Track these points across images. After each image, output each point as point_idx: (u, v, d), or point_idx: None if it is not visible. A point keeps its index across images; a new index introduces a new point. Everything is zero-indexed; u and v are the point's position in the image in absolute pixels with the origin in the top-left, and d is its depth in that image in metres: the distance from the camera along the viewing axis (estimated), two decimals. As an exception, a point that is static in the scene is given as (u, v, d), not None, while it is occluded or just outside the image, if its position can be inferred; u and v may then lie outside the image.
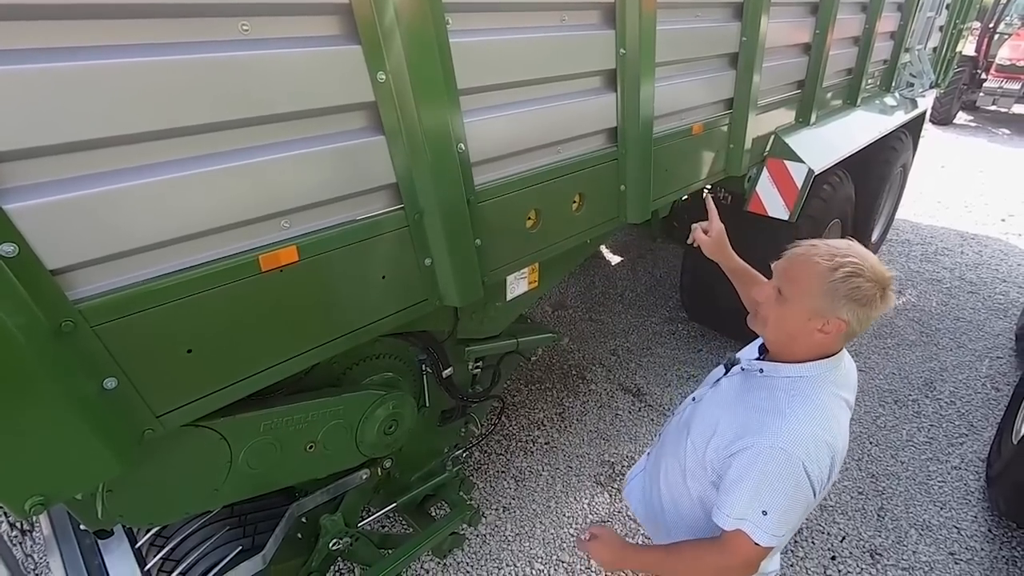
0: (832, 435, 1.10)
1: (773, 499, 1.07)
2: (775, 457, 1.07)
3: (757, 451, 1.09)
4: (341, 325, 1.32)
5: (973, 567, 2.44)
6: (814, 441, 1.07)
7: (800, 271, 1.09)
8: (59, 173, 0.88)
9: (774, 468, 1.07)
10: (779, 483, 1.07)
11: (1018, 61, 9.58)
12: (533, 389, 3.58)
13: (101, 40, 0.87)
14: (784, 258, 1.15)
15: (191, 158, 0.99)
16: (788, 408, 1.11)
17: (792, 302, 1.10)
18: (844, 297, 1.03)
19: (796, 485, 1.07)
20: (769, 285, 1.17)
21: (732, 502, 1.12)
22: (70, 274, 0.92)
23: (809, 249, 1.10)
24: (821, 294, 1.05)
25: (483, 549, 2.54)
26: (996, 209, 6.53)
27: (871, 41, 3.37)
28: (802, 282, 1.08)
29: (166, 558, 1.65)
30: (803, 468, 1.06)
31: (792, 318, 1.11)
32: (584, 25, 1.64)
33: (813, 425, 1.09)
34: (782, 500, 1.07)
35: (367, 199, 1.29)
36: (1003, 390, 3.50)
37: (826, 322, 1.07)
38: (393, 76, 1.18)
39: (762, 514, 1.08)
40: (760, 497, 1.08)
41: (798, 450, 1.06)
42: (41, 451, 0.92)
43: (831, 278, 1.03)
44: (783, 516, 1.08)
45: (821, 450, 1.08)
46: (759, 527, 1.08)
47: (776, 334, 1.17)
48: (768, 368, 1.20)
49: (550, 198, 1.71)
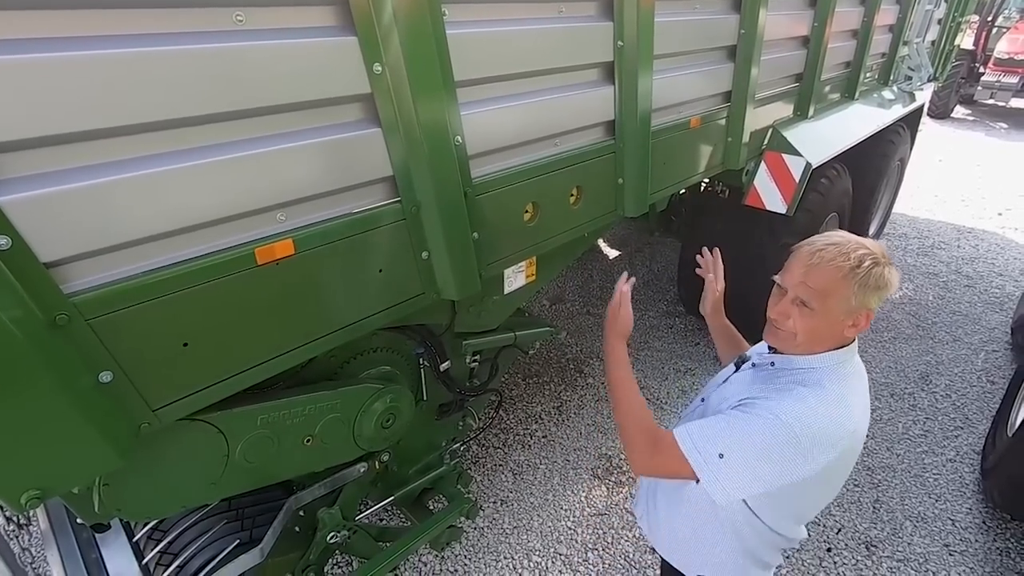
0: (837, 420, 1.06)
1: (741, 448, 1.05)
2: (765, 418, 1.05)
3: (751, 408, 1.08)
4: (338, 319, 1.31)
5: (968, 559, 2.46)
6: (815, 419, 1.04)
7: (826, 280, 1.05)
8: (52, 165, 0.87)
9: (758, 425, 1.05)
10: (757, 438, 1.04)
11: (1016, 55, 9.58)
12: (531, 383, 3.59)
13: (93, 30, 0.86)
14: (796, 271, 1.11)
15: (185, 150, 0.99)
16: (797, 391, 1.09)
17: (823, 311, 1.07)
18: (872, 288, 1.04)
19: (783, 451, 1.03)
20: (785, 302, 1.12)
21: (702, 427, 1.11)
22: (64, 267, 0.91)
23: (820, 254, 1.07)
24: (854, 294, 1.04)
25: (481, 542, 2.55)
26: (993, 203, 6.55)
27: (869, 34, 3.36)
28: (833, 290, 1.05)
29: (164, 551, 1.65)
30: (793, 435, 1.03)
31: (827, 325, 1.09)
32: (582, 17, 1.63)
33: (818, 407, 1.06)
34: (750, 456, 1.04)
35: (364, 192, 1.28)
36: (998, 383, 3.52)
37: (858, 317, 1.07)
38: (389, 68, 1.17)
39: (718, 457, 1.06)
40: (729, 439, 1.06)
41: (793, 421, 1.03)
42: (37, 445, 0.92)
43: (858, 275, 1.03)
44: (740, 470, 1.05)
45: (821, 429, 1.04)
46: (707, 464, 1.06)
47: (809, 345, 1.13)
48: (780, 361, 1.19)
49: (548, 191, 1.71)
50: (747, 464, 1.05)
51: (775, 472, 1.05)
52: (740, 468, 1.06)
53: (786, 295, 1.12)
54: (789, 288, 1.11)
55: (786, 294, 1.12)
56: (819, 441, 1.04)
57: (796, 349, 1.14)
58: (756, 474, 1.06)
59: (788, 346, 1.15)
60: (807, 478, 1.07)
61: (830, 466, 1.08)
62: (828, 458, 1.06)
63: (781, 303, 1.12)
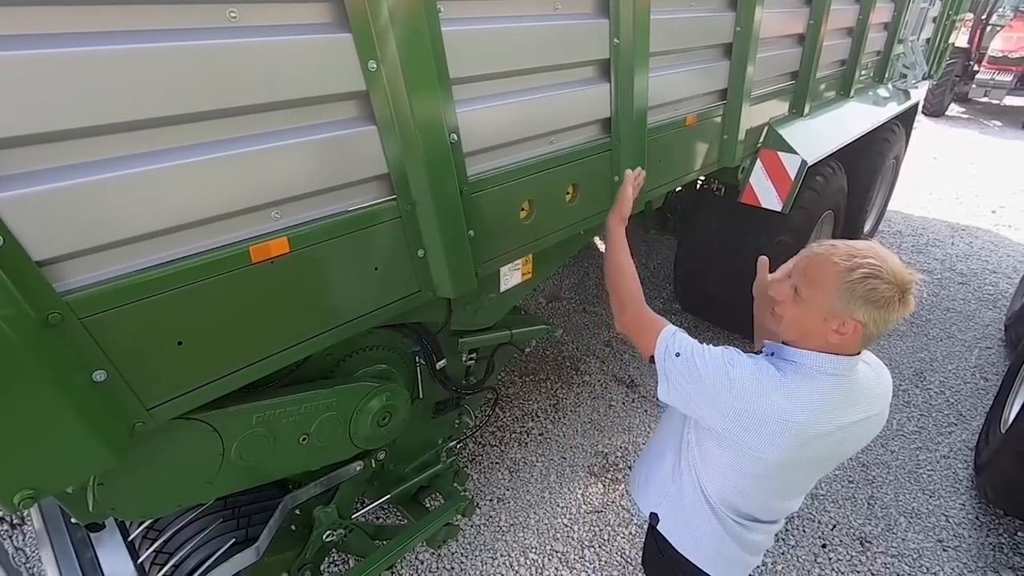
0: (779, 405, 1.09)
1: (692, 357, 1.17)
2: (721, 357, 1.15)
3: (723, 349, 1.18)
4: (334, 317, 1.31)
5: (961, 554, 2.48)
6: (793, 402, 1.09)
7: (817, 271, 1.08)
8: (44, 163, 0.86)
9: (714, 354, 1.16)
10: (704, 360, 1.16)
11: (1010, 53, 9.62)
12: (527, 380, 3.59)
13: (85, 27, 0.85)
14: (802, 257, 1.15)
15: (179, 148, 0.98)
16: (760, 362, 1.16)
17: (809, 302, 1.09)
18: (860, 298, 1.02)
19: (713, 379, 1.14)
20: (787, 284, 1.16)
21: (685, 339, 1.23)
22: (57, 265, 0.90)
23: (828, 249, 1.09)
24: (837, 294, 1.04)
25: (477, 540, 2.55)
26: (987, 200, 6.58)
27: (865, 32, 3.37)
28: (819, 282, 1.07)
29: (159, 551, 1.64)
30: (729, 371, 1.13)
31: (809, 318, 1.10)
32: (578, 14, 1.62)
33: (801, 390, 1.10)
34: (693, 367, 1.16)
35: (359, 190, 1.28)
36: (991, 380, 3.54)
37: (842, 323, 1.06)
38: (384, 65, 1.17)
39: (675, 356, 1.20)
40: (692, 350, 1.19)
41: (737, 369, 1.13)
42: (30, 444, 0.91)
43: (848, 279, 1.03)
44: (695, 357, 1.17)
45: (762, 394, 1.10)
46: (667, 347, 1.22)
47: (792, 333, 1.16)
48: (777, 350, 1.21)
49: (544, 189, 1.70)
50: (687, 374, 1.18)
51: (701, 398, 1.17)
52: (682, 374, 1.18)
53: (789, 279, 1.17)
54: (793, 272, 1.16)
55: (788, 277, 1.18)
56: (755, 398, 1.10)
57: (782, 334, 1.19)
58: (691, 387, 1.17)
59: (776, 327, 1.21)
60: (731, 432, 1.15)
61: (760, 446, 1.13)
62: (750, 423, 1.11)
63: (783, 284, 1.18)
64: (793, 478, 1.27)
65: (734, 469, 1.24)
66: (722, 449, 1.22)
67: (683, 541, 1.40)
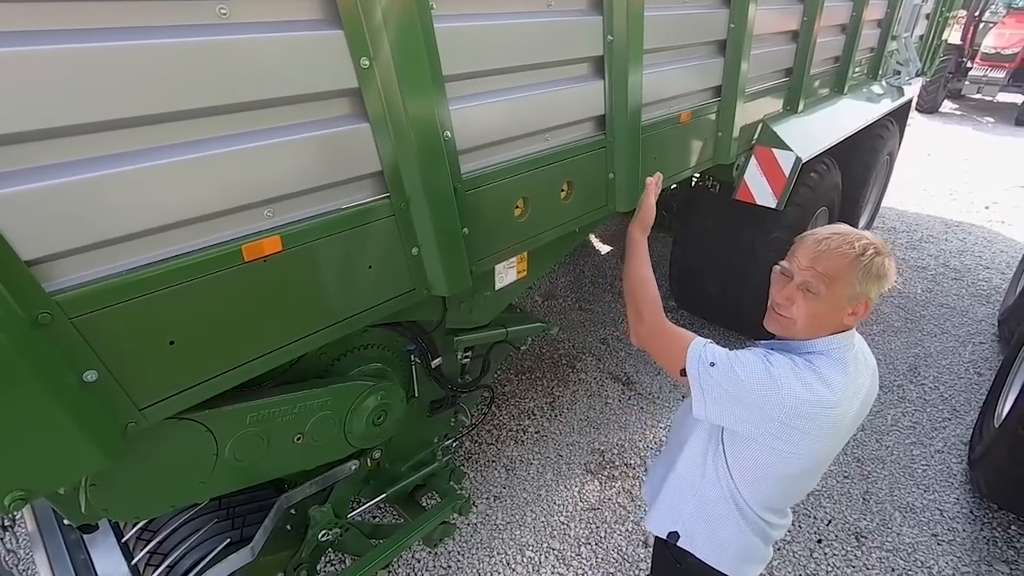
0: (817, 392, 1.10)
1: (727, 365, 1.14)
2: (758, 357, 1.13)
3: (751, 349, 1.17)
4: (328, 315, 1.30)
5: (955, 548, 2.49)
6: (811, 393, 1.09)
7: (833, 265, 1.09)
8: (32, 161, 0.85)
9: (750, 357, 1.14)
10: (744, 366, 1.13)
11: (1003, 49, 9.67)
12: (523, 379, 3.59)
13: (73, 23, 0.84)
14: (803, 258, 1.14)
15: (169, 146, 0.97)
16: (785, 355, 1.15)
17: (829, 297, 1.11)
18: (874, 277, 1.08)
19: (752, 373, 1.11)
20: (790, 287, 1.15)
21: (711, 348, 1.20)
22: (46, 265, 0.89)
23: (827, 242, 1.11)
24: (857, 281, 1.08)
25: (474, 538, 2.55)
26: (980, 197, 6.61)
27: (858, 29, 3.38)
28: (837, 274, 1.09)
29: (153, 551, 1.63)
30: (771, 373, 1.10)
31: (829, 311, 1.12)
32: (571, 11, 1.62)
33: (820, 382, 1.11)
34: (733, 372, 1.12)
35: (352, 188, 1.27)
36: (985, 375, 3.56)
37: (857, 304, 1.11)
38: (377, 62, 1.16)
39: (710, 365, 1.15)
40: (726, 358, 1.15)
41: (775, 368, 1.11)
42: (21, 445, 0.90)
43: (862, 263, 1.07)
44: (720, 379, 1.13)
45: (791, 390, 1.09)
46: (700, 361, 1.17)
47: (809, 330, 1.16)
48: (778, 345, 1.23)
49: (538, 186, 1.70)
50: (726, 384, 1.13)
51: (743, 407, 1.13)
52: (721, 385, 1.13)
53: (791, 281, 1.15)
54: (795, 273, 1.14)
55: (791, 280, 1.15)
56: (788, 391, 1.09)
57: (796, 335, 1.18)
58: (732, 397, 1.13)
59: (787, 332, 1.19)
60: (779, 435, 1.12)
61: (809, 442, 1.12)
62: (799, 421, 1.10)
63: (786, 288, 1.16)
64: (829, 461, 1.28)
65: (778, 471, 1.21)
66: (765, 454, 1.19)
67: (708, 551, 1.38)
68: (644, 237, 1.56)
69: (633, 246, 1.54)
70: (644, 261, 1.49)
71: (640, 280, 1.43)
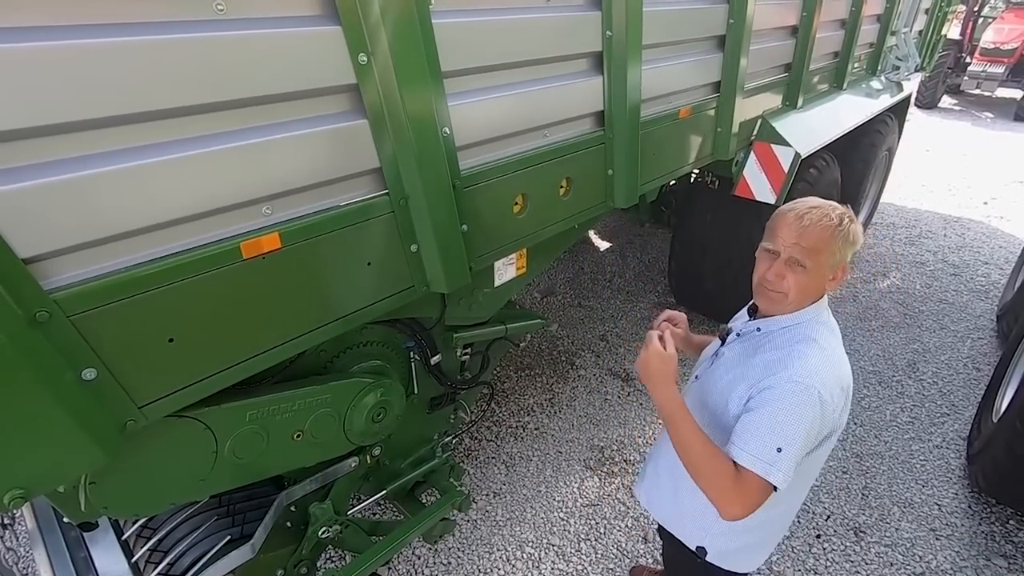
0: (837, 366, 1.19)
1: (788, 434, 1.10)
2: (791, 390, 1.12)
3: (774, 388, 1.14)
4: (327, 312, 1.30)
5: (954, 542, 2.50)
6: (828, 373, 1.16)
7: (817, 239, 1.15)
8: (29, 159, 0.85)
9: (791, 401, 1.11)
10: (795, 416, 1.10)
11: (1002, 44, 9.65)
12: (523, 375, 3.59)
13: (70, 19, 0.84)
14: (787, 235, 1.18)
15: (166, 143, 0.97)
16: (796, 348, 1.18)
17: (816, 267, 1.18)
18: (850, 243, 1.18)
19: (813, 418, 1.11)
20: (779, 264, 1.20)
21: (748, 436, 1.12)
22: (44, 262, 0.89)
23: (807, 217, 1.16)
24: (839, 249, 1.17)
25: (474, 534, 2.56)
26: (979, 192, 6.62)
27: (857, 24, 3.37)
28: (821, 246, 1.16)
29: (153, 549, 1.63)
30: (818, 395, 1.12)
31: (815, 281, 1.20)
32: (570, 6, 1.61)
33: (821, 358, 1.17)
34: (797, 434, 1.10)
35: (350, 184, 1.27)
36: (984, 370, 3.57)
37: (837, 270, 1.20)
38: (375, 58, 1.15)
39: (776, 451, 1.09)
40: (776, 432, 1.10)
41: (813, 380, 1.13)
42: (19, 443, 0.90)
43: (841, 233, 1.16)
44: (795, 448, 1.10)
45: (834, 380, 1.16)
46: (772, 466, 1.09)
47: (800, 301, 1.22)
48: (764, 324, 1.28)
49: (537, 183, 1.70)
50: (798, 443, 1.11)
51: (814, 433, 1.14)
52: (795, 450, 1.11)
53: (778, 258, 1.20)
54: (783, 250, 1.19)
55: (777, 257, 1.20)
56: (832, 389, 1.15)
57: (787, 308, 1.23)
58: (805, 444, 1.12)
59: (779, 307, 1.24)
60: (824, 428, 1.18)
61: (835, 409, 1.18)
62: (839, 403, 1.18)
63: (775, 265, 1.20)
64: None
65: (814, 466, 1.28)
66: (817, 454, 1.26)
67: (739, 560, 1.41)
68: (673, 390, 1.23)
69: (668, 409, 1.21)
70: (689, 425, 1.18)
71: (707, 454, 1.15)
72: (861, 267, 4.88)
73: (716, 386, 1.31)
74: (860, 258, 5.02)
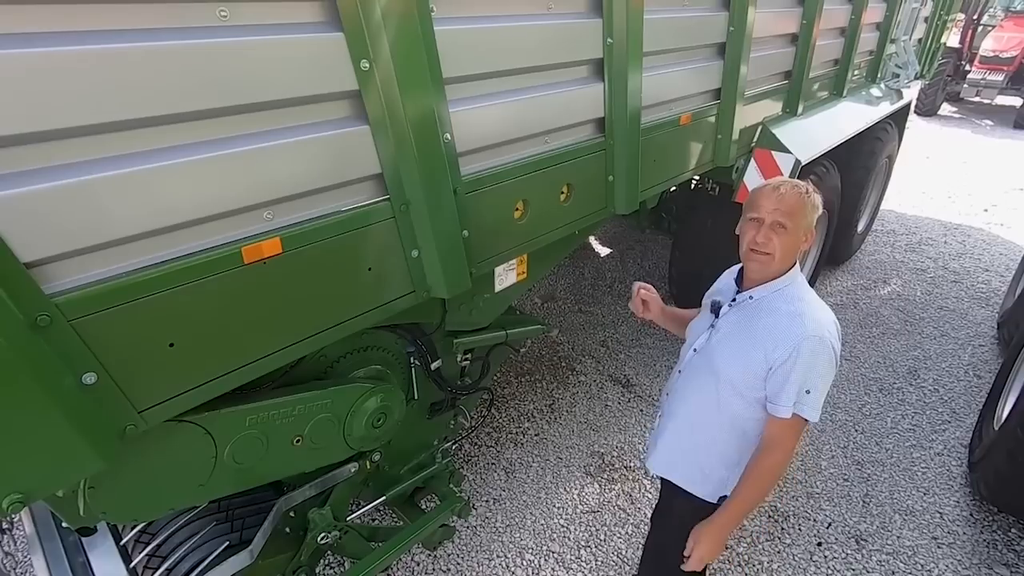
0: (827, 311, 1.41)
1: (814, 379, 1.34)
2: (813, 345, 1.33)
3: (798, 349, 1.33)
4: (327, 318, 1.30)
5: (955, 551, 2.49)
6: (829, 321, 1.38)
7: (793, 203, 1.35)
8: (31, 163, 0.85)
9: (814, 354, 1.33)
10: (819, 365, 1.34)
11: (1001, 52, 9.68)
12: (523, 381, 3.59)
13: (73, 26, 0.84)
14: (768, 204, 1.36)
15: (169, 148, 0.97)
16: (796, 308, 1.37)
17: (794, 231, 1.36)
18: (815, 209, 1.38)
19: (829, 361, 1.35)
20: (765, 229, 1.36)
21: (786, 395, 1.35)
22: (45, 267, 0.89)
23: (781, 188, 1.35)
24: (809, 213, 1.36)
25: (473, 541, 2.54)
26: (979, 199, 6.62)
27: (857, 32, 3.39)
28: (797, 210, 1.35)
29: (152, 555, 1.63)
30: (831, 346, 1.35)
31: (794, 242, 1.38)
32: (571, 13, 1.62)
33: (821, 310, 1.39)
34: (820, 378, 1.35)
35: (352, 190, 1.27)
36: (985, 377, 3.56)
37: (809, 232, 1.40)
38: (377, 64, 1.16)
39: (806, 393, 1.34)
40: (805, 381, 1.34)
41: (825, 332, 1.34)
42: (18, 447, 0.90)
43: (810, 199, 1.36)
44: (822, 388, 1.36)
45: (833, 326, 1.38)
46: (806, 404, 1.35)
47: (783, 263, 1.39)
48: (756, 292, 1.44)
49: (538, 189, 1.70)
50: (822, 382, 1.36)
51: (832, 371, 1.37)
52: (821, 389, 1.36)
53: (762, 224, 1.37)
54: (767, 216, 1.36)
55: (762, 223, 1.37)
56: (834, 332, 1.37)
57: (772, 268, 1.40)
58: (826, 382, 1.37)
59: (765, 269, 1.41)
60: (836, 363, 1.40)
61: (839, 345, 1.40)
62: (838, 339, 1.39)
63: (762, 230, 1.37)
64: None
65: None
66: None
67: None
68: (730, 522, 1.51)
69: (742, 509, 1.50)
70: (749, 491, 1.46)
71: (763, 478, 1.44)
72: (862, 274, 4.88)
73: (723, 354, 1.46)
74: (860, 265, 5.02)
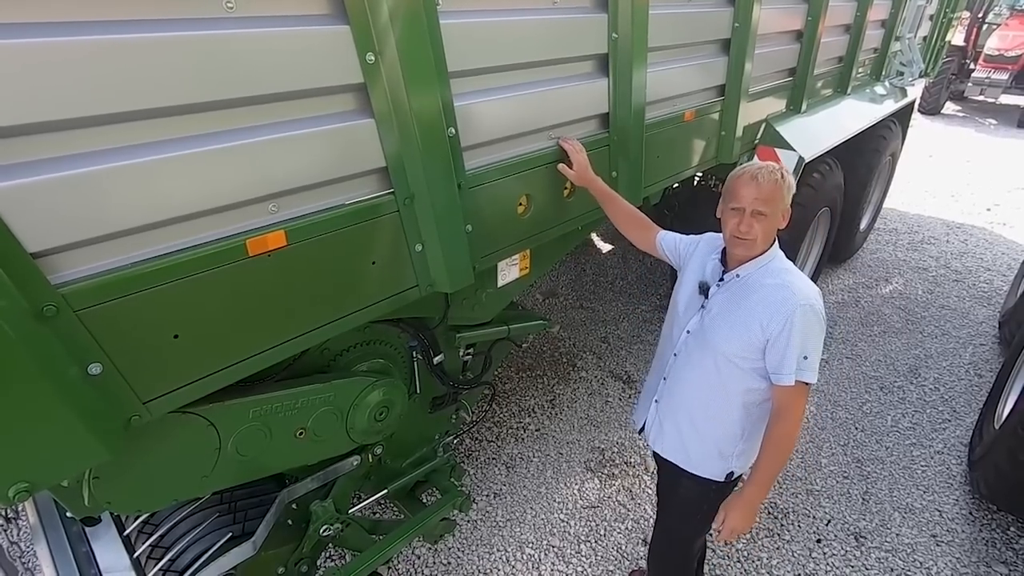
0: (807, 278, 1.49)
1: (809, 344, 1.40)
2: (805, 313, 1.39)
3: (791, 318, 1.39)
4: (331, 311, 1.30)
5: (954, 548, 2.49)
6: (812, 288, 1.45)
7: (771, 190, 1.41)
8: (38, 154, 0.85)
9: (806, 321, 1.39)
10: (811, 331, 1.40)
11: (1006, 51, 9.64)
12: (524, 376, 3.59)
13: (80, 15, 0.84)
14: (747, 194, 1.41)
15: (175, 139, 0.97)
16: (783, 279, 1.45)
17: (774, 213, 1.43)
18: (790, 190, 1.45)
19: (819, 325, 1.42)
20: (747, 217, 1.42)
21: (788, 364, 1.41)
22: (52, 257, 0.90)
23: (759, 176, 1.41)
24: (785, 196, 1.44)
25: (474, 535, 2.55)
26: (982, 198, 6.61)
27: (862, 29, 3.37)
28: (775, 195, 1.42)
29: (155, 545, 1.64)
30: (819, 312, 1.42)
31: (773, 224, 1.46)
32: (576, 8, 1.62)
33: (802, 279, 1.47)
34: (814, 343, 1.41)
35: (356, 183, 1.27)
36: (985, 376, 3.56)
37: (786, 212, 1.47)
38: (382, 58, 1.16)
39: (804, 359, 1.40)
40: (803, 347, 1.40)
41: (812, 300, 1.41)
42: (24, 437, 0.91)
43: (785, 183, 1.43)
44: (816, 352, 1.42)
45: (817, 293, 1.45)
46: (806, 369, 1.41)
47: (765, 243, 1.47)
48: (742, 271, 1.50)
49: (541, 184, 1.70)
50: (817, 346, 1.42)
51: (823, 334, 1.44)
52: (816, 352, 1.42)
53: (744, 212, 1.43)
54: (747, 205, 1.42)
55: (743, 212, 1.43)
56: (819, 297, 1.44)
57: (756, 250, 1.47)
58: (819, 345, 1.43)
59: (750, 250, 1.47)
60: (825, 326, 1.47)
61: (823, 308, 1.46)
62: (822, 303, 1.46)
63: (744, 219, 1.43)
64: None
65: None
66: None
67: (747, 462, 1.63)
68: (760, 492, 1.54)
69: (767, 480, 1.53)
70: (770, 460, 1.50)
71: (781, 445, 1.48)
72: (863, 272, 4.88)
73: (720, 332, 1.51)
74: (862, 263, 5.02)
